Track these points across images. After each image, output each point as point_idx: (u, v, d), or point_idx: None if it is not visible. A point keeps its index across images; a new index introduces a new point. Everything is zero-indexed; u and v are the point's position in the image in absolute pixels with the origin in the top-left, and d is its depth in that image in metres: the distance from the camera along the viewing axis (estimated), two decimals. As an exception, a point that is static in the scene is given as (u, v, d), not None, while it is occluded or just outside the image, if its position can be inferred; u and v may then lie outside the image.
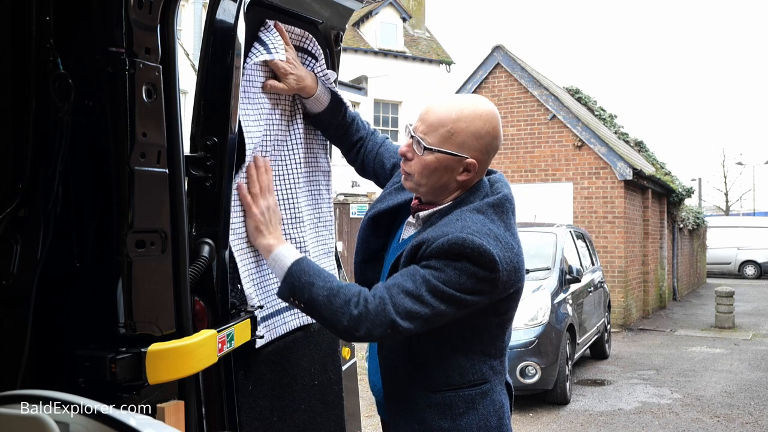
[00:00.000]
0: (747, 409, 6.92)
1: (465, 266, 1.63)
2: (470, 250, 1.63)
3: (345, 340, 1.69)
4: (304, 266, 1.73)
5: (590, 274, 9.15)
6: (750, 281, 23.53)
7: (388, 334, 1.65)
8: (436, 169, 1.73)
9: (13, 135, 1.35)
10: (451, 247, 1.64)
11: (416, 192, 1.82)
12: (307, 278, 1.69)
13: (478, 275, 1.64)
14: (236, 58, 1.70)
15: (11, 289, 1.32)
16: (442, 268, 1.64)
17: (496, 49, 13.38)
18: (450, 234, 1.65)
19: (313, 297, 1.67)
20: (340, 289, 1.67)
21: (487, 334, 1.79)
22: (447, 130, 1.70)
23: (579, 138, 12.54)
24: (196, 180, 1.69)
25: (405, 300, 1.62)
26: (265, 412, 1.89)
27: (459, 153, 1.71)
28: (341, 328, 1.66)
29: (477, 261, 1.63)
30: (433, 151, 1.72)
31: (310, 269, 1.72)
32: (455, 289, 1.63)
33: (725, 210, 44.71)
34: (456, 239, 1.64)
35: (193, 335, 1.48)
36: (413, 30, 29.08)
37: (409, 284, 1.64)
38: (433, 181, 1.75)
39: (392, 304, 1.62)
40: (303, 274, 1.70)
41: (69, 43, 1.34)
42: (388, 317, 1.62)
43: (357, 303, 1.64)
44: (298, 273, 1.71)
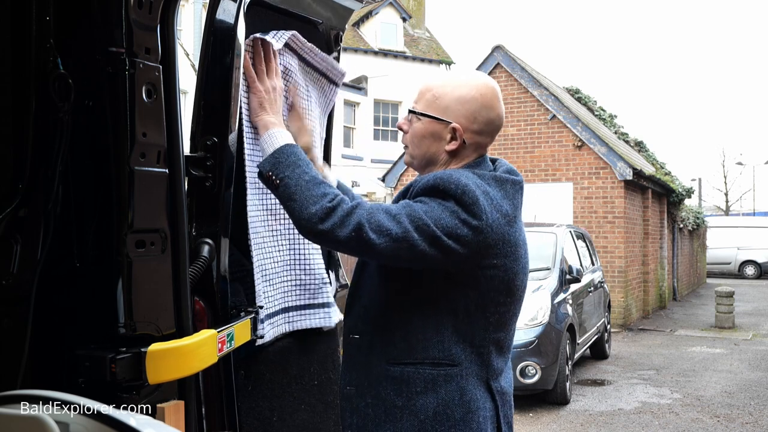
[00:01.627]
0: (747, 409, 6.92)
1: (448, 204, 1.58)
2: (455, 186, 1.58)
3: (304, 233, 1.59)
4: (297, 151, 1.68)
5: (590, 274, 9.14)
6: (750, 281, 23.52)
7: (352, 239, 1.55)
8: (423, 137, 1.72)
9: (13, 135, 1.35)
10: (436, 183, 1.60)
11: (412, 165, 1.81)
12: (295, 160, 1.64)
13: (459, 216, 1.57)
14: (236, 58, 1.70)
15: (11, 289, 1.32)
16: (426, 201, 1.60)
17: (496, 49, 13.37)
18: (434, 175, 1.63)
19: (291, 177, 1.61)
20: (323, 183, 1.61)
21: (463, 311, 1.65)
22: (432, 94, 1.71)
23: (579, 138, 12.54)
24: (196, 180, 1.69)
25: (381, 215, 1.57)
26: (264, 412, 1.89)
27: (442, 117, 1.69)
28: (306, 216, 1.56)
29: (460, 200, 1.58)
30: (417, 113, 1.72)
31: (301, 156, 1.66)
32: (434, 223, 1.56)
33: (725, 210, 44.71)
34: (442, 176, 1.61)
35: (193, 335, 1.48)
36: (413, 30, 29.08)
37: (391, 207, 1.61)
38: (423, 149, 1.74)
39: (367, 213, 1.56)
40: (292, 155, 1.66)
41: (69, 43, 1.34)
42: (357, 219, 1.54)
43: (333, 198, 1.57)
44: (288, 153, 1.66)
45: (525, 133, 13.06)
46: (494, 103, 1.72)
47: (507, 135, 13.15)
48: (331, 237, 1.56)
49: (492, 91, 1.72)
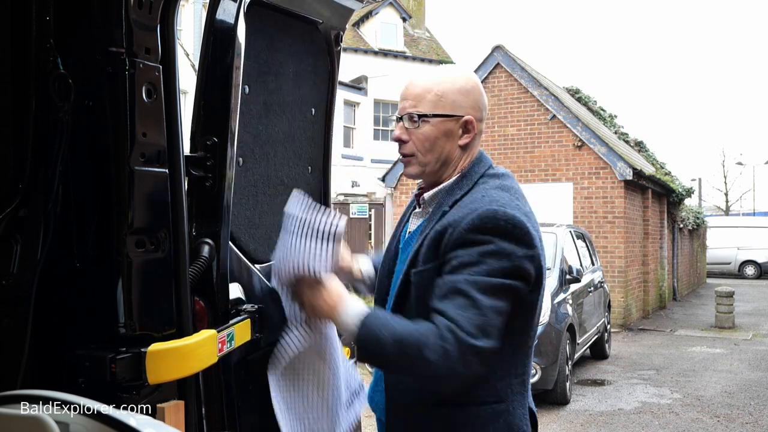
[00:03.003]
0: (747, 409, 6.91)
1: (500, 246, 1.50)
2: (504, 222, 1.51)
3: (457, 384, 1.55)
4: (370, 331, 1.56)
5: (590, 274, 9.14)
6: (750, 281, 23.51)
7: (476, 366, 1.48)
8: (436, 138, 1.64)
9: (13, 135, 1.35)
10: (482, 223, 1.52)
11: (423, 174, 1.71)
12: (376, 345, 1.54)
13: (516, 254, 1.51)
14: (236, 58, 1.70)
15: (11, 289, 1.32)
16: (477, 259, 1.50)
17: (496, 49, 13.37)
18: (479, 208, 1.54)
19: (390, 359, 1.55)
20: (405, 335, 1.51)
21: (509, 344, 1.58)
22: (434, 93, 1.64)
23: (579, 138, 12.53)
24: (196, 180, 1.68)
25: (467, 316, 1.47)
26: (265, 412, 1.89)
27: (454, 113, 1.64)
28: (427, 373, 1.51)
29: (511, 235, 1.51)
30: (429, 117, 1.63)
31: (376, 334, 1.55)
32: (501, 276, 1.49)
33: (725, 210, 44.70)
34: (487, 212, 1.53)
35: (193, 335, 1.48)
36: (413, 30, 29.08)
37: (458, 299, 1.48)
38: (437, 152, 1.66)
39: (458, 326, 1.46)
40: (372, 341, 1.55)
41: (69, 43, 1.34)
42: (465, 348, 1.45)
43: (427, 344, 1.48)
44: (369, 341, 1.56)
45: (525, 133, 13.06)
46: (482, 89, 1.73)
47: (507, 135, 13.15)
48: (463, 377, 1.51)
49: (477, 77, 1.74)
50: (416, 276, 1.62)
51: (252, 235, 1.97)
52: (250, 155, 1.93)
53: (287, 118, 2.12)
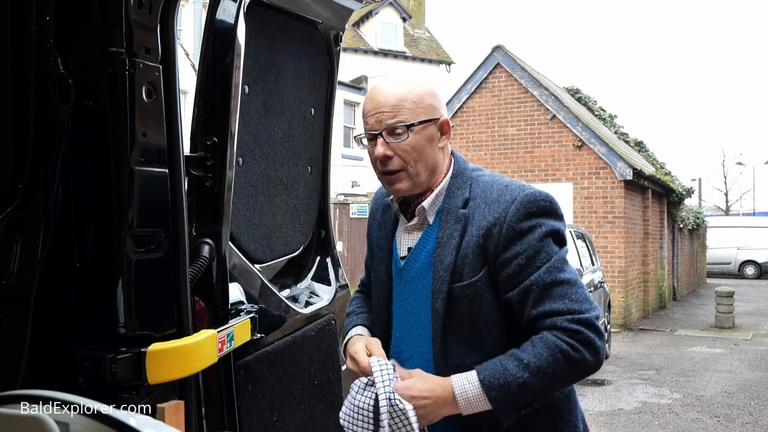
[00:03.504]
0: (747, 409, 6.91)
1: (548, 224, 1.53)
2: (543, 201, 1.54)
3: (594, 371, 1.56)
4: (488, 376, 1.49)
5: (590, 274, 9.14)
6: (750, 281, 23.51)
7: (603, 330, 1.52)
8: (423, 147, 1.57)
9: (13, 135, 1.35)
10: (527, 209, 1.52)
11: (414, 188, 1.60)
12: (502, 381, 1.47)
13: (561, 227, 1.56)
14: (236, 58, 1.70)
15: (11, 289, 1.32)
16: (538, 246, 1.51)
17: (496, 49, 13.37)
18: (516, 197, 1.53)
19: (528, 390, 1.47)
20: (539, 360, 1.46)
21: None
22: (411, 101, 1.56)
23: (579, 138, 12.53)
24: (196, 180, 1.68)
25: (572, 299, 1.48)
26: (264, 412, 1.89)
27: (432, 117, 1.59)
28: (587, 372, 1.52)
29: (552, 212, 1.55)
30: (415, 125, 1.55)
31: (496, 376, 1.48)
32: (561, 246, 1.55)
33: (725, 210, 44.71)
34: (527, 197, 1.53)
35: (193, 335, 1.48)
36: (413, 30, 29.08)
37: (554, 291, 1.49)
38: (426, 159, 1.58)
39: (570, 312, 1.47)
40: (495, 383, 1.48)
41: (69, 43, 1.34)
42: (591, 324, 1.47)
43: (561, 352, 1.46)
44: (493, 387, 1.48)
45: (525, 133, 13.06)
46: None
47: (507, 135, 13.14)
48: (602, 350, 1.52)
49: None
50: (467, 290, 1.53)
51: (252, 235, 1.98)
52: (249, 155, 1.94)
53: (287, 118, 2.12)
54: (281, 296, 2.06)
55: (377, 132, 1.57)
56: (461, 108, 13.45)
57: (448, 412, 1.52)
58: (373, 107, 1.58)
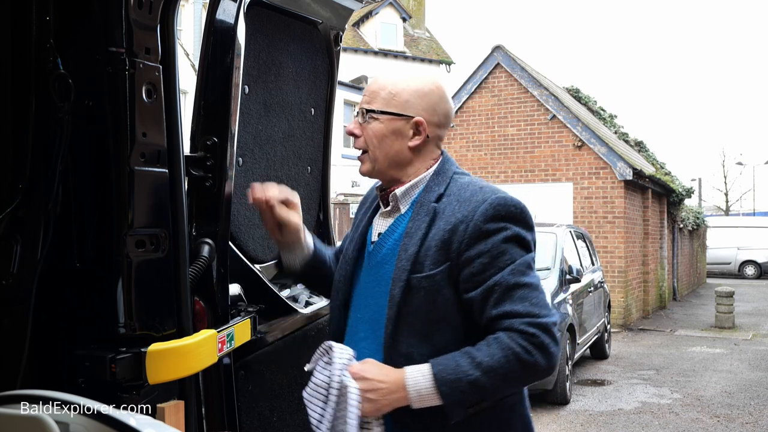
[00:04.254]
0: (747, 409, 6.91)
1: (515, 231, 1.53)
2: (514, 207, 1.55)
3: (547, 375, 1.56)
4: (442, 371, 1.49)
5: (590, 274, 9.14)
6: (750, 281, 23.50)
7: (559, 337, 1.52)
8: (384, 136, 1.62)
9: (13, 135, 1.35)
10: (496, 211, 1.53)
11: (373, 171, 1.67)
12: (454, 378, 1.48)
13: (528, 237, 1.56)
14: (236, 58, 1.70)
15: (11, 289, 1.32)
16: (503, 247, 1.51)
17: (496, 49, 13.37)
18: (487, 198, 1.54)
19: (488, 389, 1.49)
20: (491, 360, 1.47)
21: None
22: (388, 92, 1.62)
23: (579, 138, 12.53)
24: (196, 180, 1.68)
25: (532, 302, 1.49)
26: (265, 412, 1.89)
27: (404, 112, 1.61)
28: (538, 375, 1.52)
29: (521, 220, 1.55)
30: (376, 113, 1.62)
31: (448, 371, 1.49)
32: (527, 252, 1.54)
33: (725, 210, 44.70)
34: (498, 200, 1.54)
35: (193, 335, 1.48)
36: (413, 30, 29.08)
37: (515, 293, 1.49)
38: (386, 149, 1.63)
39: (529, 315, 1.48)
40: (448, 380, 1.48)
41: (69, 43, 1.34)
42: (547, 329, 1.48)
43: (515, 354, 1.46)
44: (446, 383, 1.48)
45: (525, 133, 13.06)
46: (448, 96, 1.70)
47: (507, 135, 13.14)
48: (556, 356, 1.52)
49: (443, 84, 1.70)
50: (425, 281, 1.54)
51: (252, 235, 1.98)
52: (249, 155, 1.94)
53: (287, 118, 2.12)
54: (281, 296, 2.06)
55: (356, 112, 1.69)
56: (461, 108, 13.44)
57: (398, 402, 1.52)
58: (366, 88, 1.69)
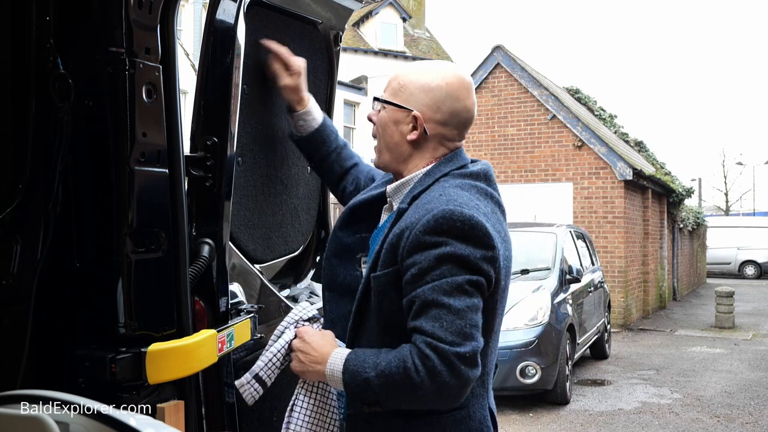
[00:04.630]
0: (747, 409, 6.91)
1: (456, 248, 1.44)
2: (460, 222, 1.44)
3: (457, 397, 1.49)
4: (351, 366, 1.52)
5: (590, 274, 9.14)
6: (750, 281, 23.50)
7: (467, 372, 1.42)
8: (386, 125, 1.65)
9: (13, 135, 1.35)
10: (437, 224, 1.45)
11: (380, 160, 1.70)
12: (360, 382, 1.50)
13: (474, 255, 1.44)
14: (236, 58, 1.70)
15: (11, 289, 1.32)
16: (435, 264, 1.44)
17: (496, 49, 13.37)
18: (434, 209, 1.47)
19: (377, 393, 1.49)
20: (387, 366, 1.46)
21: None
22: (398, 82, 1.65)
23: (579, 138, 12.53)
24: (196, 180, 1.68)
25: (444, 325, 1.42)
26: (264, 412, 1.89)
27: (404, 105, 1.61)
28: (425, 400, 1.47)
29: (468, 236, 1.45)
30: (381, 101, 1.67)
31: (355, 363, 1.52)
32: (465, 273, 1.44)
33: (725, 210, 44.69)
34: (443, 213, 1.45)
35: (193, 335, 1.48)
36: (413, 30, 29.10)
37: (431, 311, 1.43)
38: (387, 139, 1.66)
39: (433, 337, 1.42)
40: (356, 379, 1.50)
41: (69, 43, 1.34)
42: (446, 357, 1.40)
43: (405, 368, 1.44)
44: (349, 373, 1.52)
45: (525, 133, 13.06)
46: (461, 94, 1.61)
47: (507, 135, 13.14)
48: (459, 392, 1.46)
49: (461, 81, 1.62)
50: (374, 281, 1.55)
51: (252, 235, 1.98)
52: (249, 155, 1.94)
53: (287, 118, 2.12)
54: (281, 296, 2.06)
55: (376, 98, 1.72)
56: (461, 108, 13.44)
57: (318, 374, 1.59)
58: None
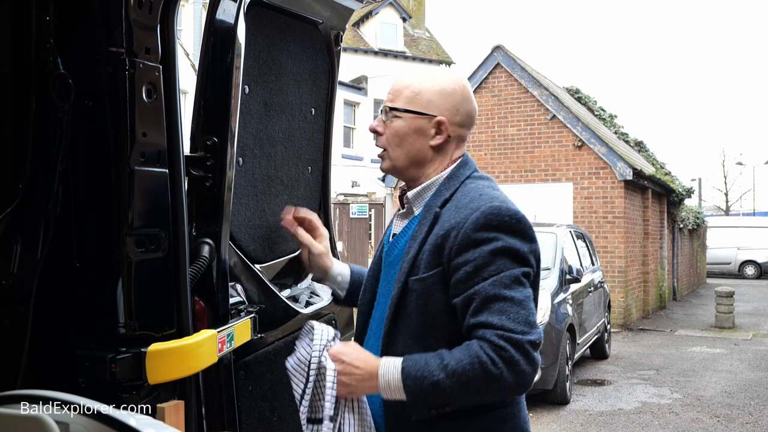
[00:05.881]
0: (747, 409, 6.91)
1: (507, 242, 1.49)
2: (508, 217, 1.51)
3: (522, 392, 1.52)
4: (409, 368, 1.49)
5: (590, 274, 9.14)
6: (750, 281, 23.51)
7: (538, 357, 1.46)
8: (406, 135, 1.64)
9: (13, 135, 1.35)
10: (487, 220, 1.50)
11: (393, 170, 1.69)
12: (419, 380, 1.47)
13: (523, 249, 1.51)
14: (236, 58, 1.70)
15: (11, 289, 1.32)
16: (490, 259, 1.48)
17: (496, 49, 13.37)
18: (481, 206, 1.52)
19: (449, 394, 1.46)
20: (457, 365, 1.45)
21: None
22: (411, 90, 1.64)
23: (579, 138, 12.53)
24: (196, 180, 1.68)
25: (511, 317, 1.44)
26: (265, 412, 1.89)
27: (426, 111, 1.63)
28: (505, 391, 1.47)
29: (516, 230, 1.51)
30: (399, 111, 1.64)
31: (416, 368, 1.48)
32: (518, 266, 1.49)
33: (725, 210, 44.69)
34: (491, 209, 1.51)
35: (193, 335, 1.48)
36: (413, 30, 29.09)
37: (495, 305, 1.45)
38: (407, 149, 1.64)
39: (503, 329, 1.44)
40: (416, 378, 1.48)
41: (69, 43, 1.34)
42: (520, 346, 1.43)
43: (480, 363, 1.43)
44: (412, 379, 1.48)
45: (525, 133, 13.06)
46: (471, 96, 1.70)
47: (507, 135, 13.14)
48: (531, 378, 1.47)
49: (466, 84, 1.71)
50: (418, 284, 1.56)
51: (252, 235, 1.98)
52: (250, 155, 1.94)
53: (287, 118, 2.12)
54: (281, 296, 2.06)
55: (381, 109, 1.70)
56: (461, 108, 13.44)
57: (369, 389, 1.55)
58: (390, 86, 1.71)
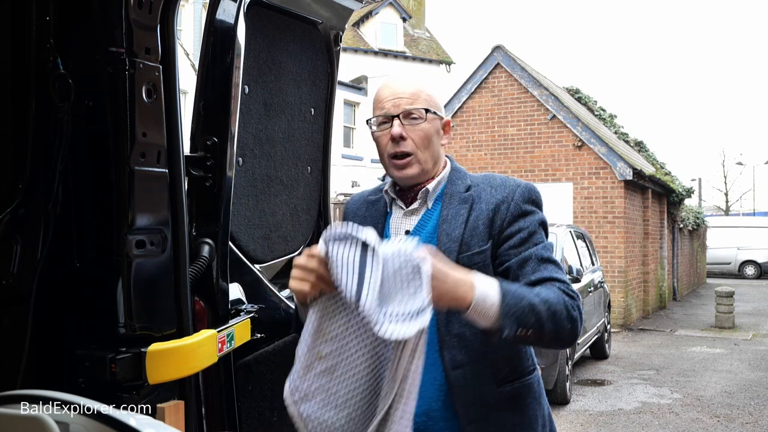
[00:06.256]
0: (747, 409, 6.91)
1: (542, 215, 1.71)
2: (538, 195, 1.72)
3: (568, 345, 1.64)
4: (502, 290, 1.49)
5: (590, 274, 9.14)
6: (750, 281, 23.50)
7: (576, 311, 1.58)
8: (432, 136, 1.69)
9: (13, 135, 1.35)
10: (530, 195, 1.70)
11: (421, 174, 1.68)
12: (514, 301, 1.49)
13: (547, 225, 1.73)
14: (236, 58, 1.70)
15: (11, 289, 1.32)
16: (536, 228, 1.66)
17: (496, 49, 13.37)
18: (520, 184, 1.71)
19: (539, 318, 1.50)
20: (547, 295, 1.53)
21: None
22: (426, 93, 1.70)
23: (579, 138, 12.53)
24: (196, 180, 1.68)
25: (560, 272, 1.61)
26: (265, 412, 1.89)
27: (439, 112, 1.71)
28: (567, 335, 1.55)
29: (541, 206, 1.73)
30: (430, 113, 1.67)
31: (512, 289, 1.51)
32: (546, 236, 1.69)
33: (725, 210, 44.69)
34: (529, 186, 1.72)
35: (193, 335, 1.48)
36: (413, 30, 29.09)
37: (550, 265, 1.61)
38: (432, 150, 1.69)
39: (565, 284, 1.59)
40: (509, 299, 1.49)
41: (69, 43, 1.34)
42: (580, 303, 1.58)
43: (564, 302, 1.54)
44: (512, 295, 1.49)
45: (525, 133, 13.05)
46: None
47: (507, 135, 13.14)
48: (580, 325, 1.58)
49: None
50: (476, 257, 1.62)
51: (252, 235, 1.98)
52: (249, 155, 1.94)
53: (287, 118, 2.12)
54: (281, 296, 2.06)
55: (395, 115, 1.65)
56: (461, 108, 13.44)
57: (457, 298, 1.44)
58: (390, 93, 1.67)
